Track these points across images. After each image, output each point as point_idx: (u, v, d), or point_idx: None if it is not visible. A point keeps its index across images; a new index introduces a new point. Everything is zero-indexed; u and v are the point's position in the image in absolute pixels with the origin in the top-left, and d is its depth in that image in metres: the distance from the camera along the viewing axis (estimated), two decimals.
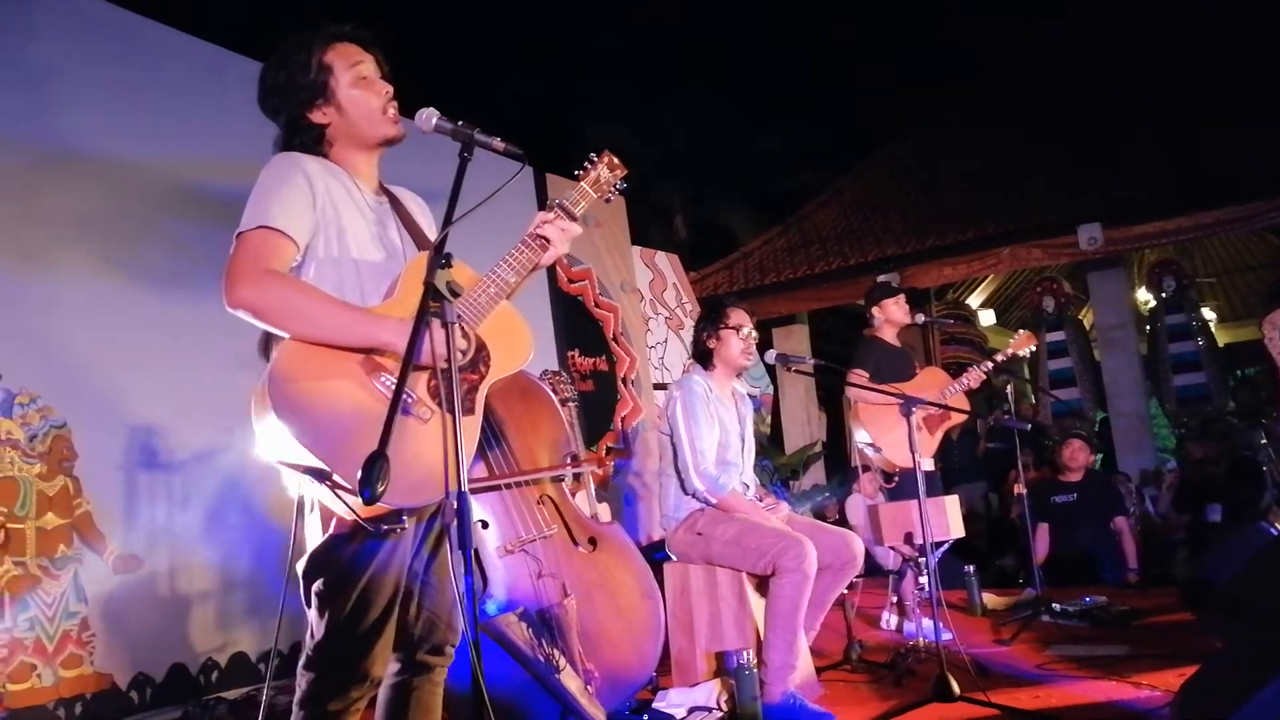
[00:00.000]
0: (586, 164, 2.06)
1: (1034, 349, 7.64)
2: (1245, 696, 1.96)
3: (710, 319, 3.68)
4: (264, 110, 1.98)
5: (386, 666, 1.87)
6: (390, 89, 1.98)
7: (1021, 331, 5.05)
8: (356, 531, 1.73)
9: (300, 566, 1.82)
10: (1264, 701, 1.88)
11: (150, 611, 3.59)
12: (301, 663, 1.81)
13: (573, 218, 1.98)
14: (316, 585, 1.78)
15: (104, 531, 3.49)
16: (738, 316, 3.64)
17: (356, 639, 1.77)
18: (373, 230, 1.93)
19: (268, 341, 1.83)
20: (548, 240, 1.95)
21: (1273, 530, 4.02)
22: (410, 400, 1.71)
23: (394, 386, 1.67)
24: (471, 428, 1.78)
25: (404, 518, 1.74)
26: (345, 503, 1.67)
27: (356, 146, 1.96)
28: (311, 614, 1.81)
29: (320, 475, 1.65)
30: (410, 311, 1.68)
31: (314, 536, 1.81)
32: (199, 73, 4.15)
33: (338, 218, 1.87)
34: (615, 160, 2.07)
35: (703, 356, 3.69)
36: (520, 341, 1.95)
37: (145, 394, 3.67)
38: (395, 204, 2.04)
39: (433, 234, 2.03)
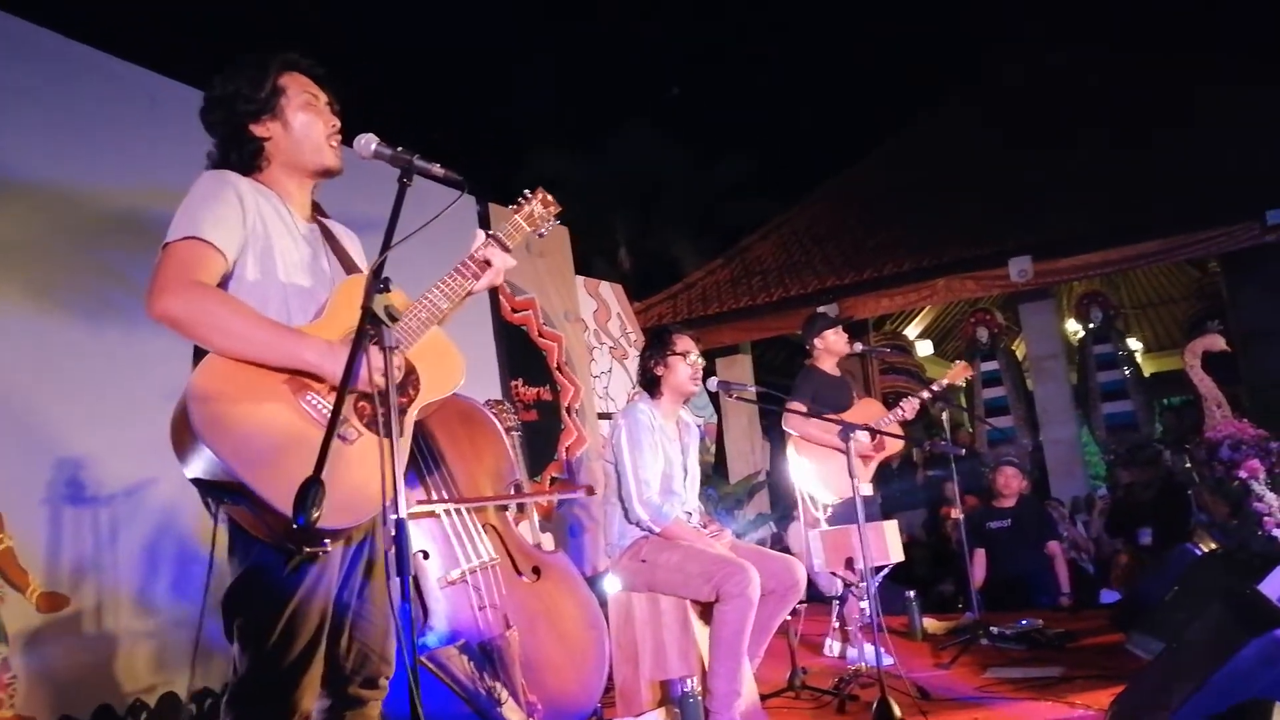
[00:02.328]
0: (520, 199, 2.15)
1: (969, 378, 7.85)
2: (1173, 709, 2.02)
3: (657, 346, 3.70)
4: (205, 122, 1.95)
5: (315, 700, 1.80)
6: (337, 123, 1.99)
7: (958, 362, 5.17)
8: (278, 561, 1.68)
9: (220, 599, 1.75)
10: (1187, 713, 1.95)
11: (76, 651, 3.45)
12: (225, 699, 1.73)
13: (506, 249, 2.03)
14: (238, 619, 1.72)
15: (26, 568, 3.36)
16: (684, 343, 3.67)
17: (283, 672, 1.70)
18: (302, 254, 1.91)
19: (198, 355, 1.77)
20: (488, 263, 1.97)
21: (1197, 550, 4.19)
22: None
23: (320, 406, 1.68)
24: (400, 450, 1.77)
25: (327, 541, 1.69)
26: (265, 524, 1.62)
27: (292, 170, 1.96)
28: (235, 649, 1.73)
29: (239, 496, 1.60)
30: (338, 333, 1.68)
31: (227, 565, 1.74)
32: (134, 99, 4.08)
33: (267, 237, 1.85)
34: (549, 197, 2.17)
35: (650, 384, 3.70)
36: (450, 366, 1.95)
37: (74, 425, 3.55)
38: (326, 233, 2.03)
39: (365, 267, 2.03)
